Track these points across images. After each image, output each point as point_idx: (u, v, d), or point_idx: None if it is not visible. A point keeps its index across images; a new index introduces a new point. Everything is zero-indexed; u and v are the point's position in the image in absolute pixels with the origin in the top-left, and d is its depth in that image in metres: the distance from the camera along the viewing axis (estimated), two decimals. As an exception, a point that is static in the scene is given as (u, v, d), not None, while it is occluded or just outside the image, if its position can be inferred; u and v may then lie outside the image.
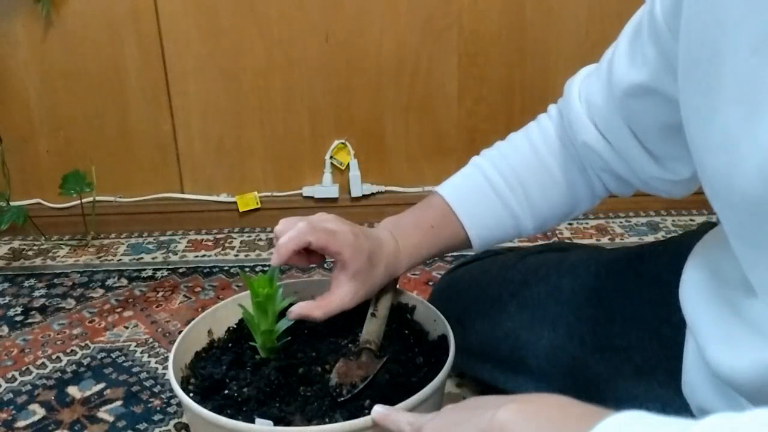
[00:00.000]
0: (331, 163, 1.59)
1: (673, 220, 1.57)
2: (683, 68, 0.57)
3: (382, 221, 0.84)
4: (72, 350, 1.13)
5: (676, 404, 0.70)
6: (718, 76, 0.50)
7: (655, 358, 0.76)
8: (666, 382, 0.73)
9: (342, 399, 0.71)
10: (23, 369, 1.08)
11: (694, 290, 0.65)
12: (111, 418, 0.96)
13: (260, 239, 1.55)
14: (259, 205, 1.60)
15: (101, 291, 1.34)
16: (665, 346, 0.75)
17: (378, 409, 0.64)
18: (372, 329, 0.78)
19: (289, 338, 0.81)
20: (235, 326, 0.89)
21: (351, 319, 0.88)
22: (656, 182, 0.75)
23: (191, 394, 0.74)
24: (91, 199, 1.54)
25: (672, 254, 0.78)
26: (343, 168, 1.59)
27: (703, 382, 0.65)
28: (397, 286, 0.88)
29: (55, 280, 1.39)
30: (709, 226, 0.71)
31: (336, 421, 0.68)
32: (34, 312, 1.26)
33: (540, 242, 1.47)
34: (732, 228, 0.54)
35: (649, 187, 0.76)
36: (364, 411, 0.69)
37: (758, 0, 0.46)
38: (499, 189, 0.82)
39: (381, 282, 0.79)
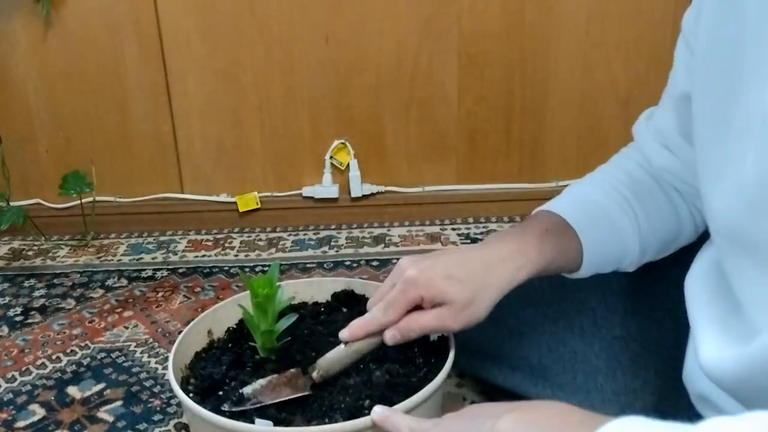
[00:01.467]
0: (331, 164, 1.59)
1: (673, 220, 1.57)
2: (702, 63, 0.59)
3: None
4: (72, 350, 1.13)
5: (672, 398, 0.70)
6: (739, 64, 0.52)
7: (654, 346, 0.76)
8: (663, 371, 0.74)
9: (230, 409, 0.71)
10: (23, 369, 1.08)
11: (697, 284, 0.65)
12: (111, 419, 0.96)
13: (260, 239, 1.55)
14: (259, 206, 1.60)
15: (101, 291, 1.34)
16: (665, 335, 0.76)
17: (378, 410, 0.64)
18: (330, 357, 0.74)
19: (289, 338, 0.81)
20: (234, 326, 0.89)
21: (351, 319, 0.88)
22: None
23: (191, 395, 0.74)
24: (91, 199, 1.54)
25: (680, 252, 0.78)
26: (343, 168, 1.59)
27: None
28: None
29: (55, 281, 1.39)
30: None
31: (335, 422, 0.68)
32: (34, 312, 1.26)
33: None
34: (728, 223, 0.54)
35: None
36: (363, 411, 0.69)
37: None
38: (609, 206, 0.76)
39: (468, 304, 0.70)
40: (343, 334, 0.73)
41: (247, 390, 0.73)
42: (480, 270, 0.70)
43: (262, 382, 0.74)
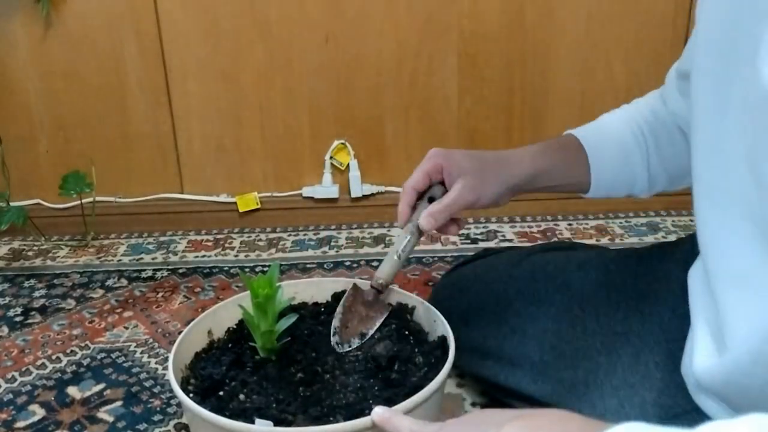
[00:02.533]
0: (331, 164, 1.59)
1: (673, 221, 1.57)
2: (702, 41, 0.62)
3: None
4: (72, 351, 1.13)
5: (671, 392, 0.70)
6: (737, 42, 0.54)
7: (654, 340, 0.77)
8: (663, 364, 0.74)
9: (341, 351, 0.80)
10: (23, 369, 1.08)
11: (698, 283, 0.66)
12: (111, 419, 0.96)
13: (260, 239, 1.55)
14: (259, 206, 1.60)
15: (101, 291, 1.34)
16: (666, 330, 0.76)
17: (378, 411, 0.63)
18: (386, 269, 0.83)
19: (289, 338, 0.81)
20: (235, 327, 0.89)
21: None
22: None
23: (191, 395, 0.74)
24: (91, 199, 1.54)
25: (684, 252, 0.79)
26: (343, 168, 1.59)
27: None
28: (398, 287, 0.88)
29: (55, 281, 1.39)
30: None
31: (336, 422, 0.68)
32: (34, 312, 1.26)
33: (540, 242, 1.47)
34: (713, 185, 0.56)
35: None
36: (364, 411, 0.69)
37: None
38: (623, 134, 0.86)
39: (491, 181, 0.81)
40: (400, 223, 0.83)
41: (335, 323, 0.83)
42: (490, 160, 0.82)
43: (339, 310, 0.84)
